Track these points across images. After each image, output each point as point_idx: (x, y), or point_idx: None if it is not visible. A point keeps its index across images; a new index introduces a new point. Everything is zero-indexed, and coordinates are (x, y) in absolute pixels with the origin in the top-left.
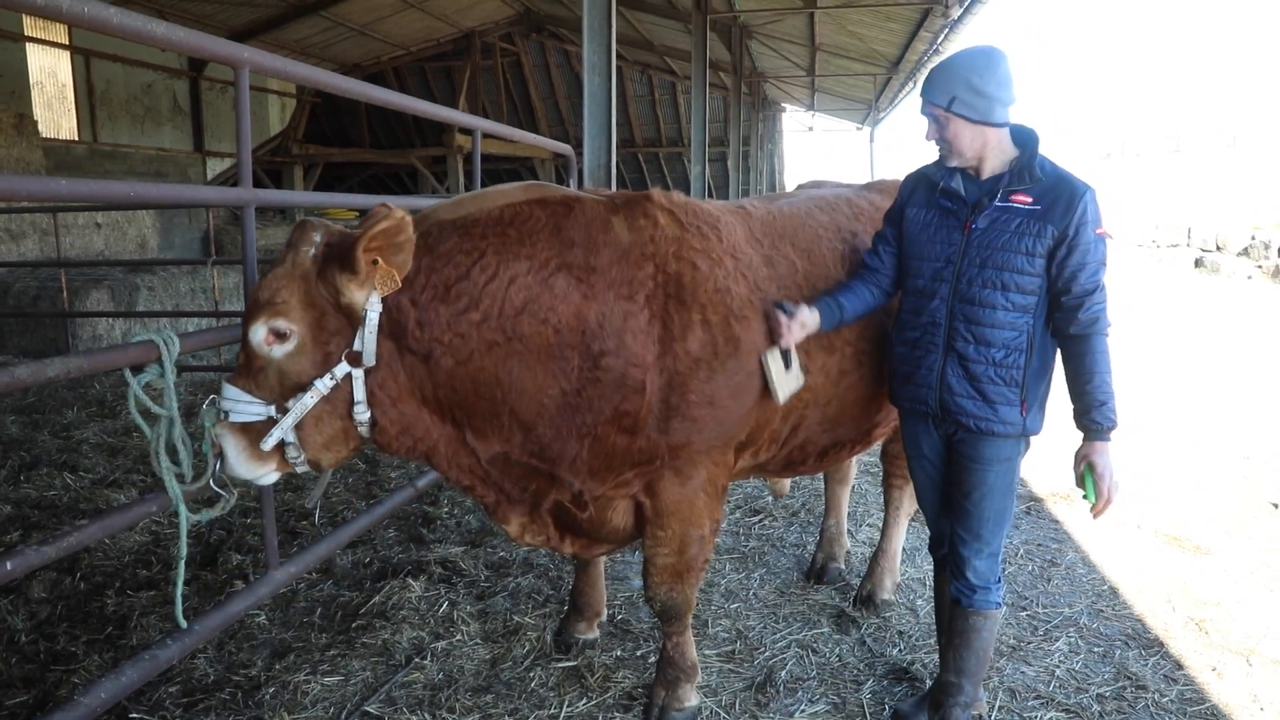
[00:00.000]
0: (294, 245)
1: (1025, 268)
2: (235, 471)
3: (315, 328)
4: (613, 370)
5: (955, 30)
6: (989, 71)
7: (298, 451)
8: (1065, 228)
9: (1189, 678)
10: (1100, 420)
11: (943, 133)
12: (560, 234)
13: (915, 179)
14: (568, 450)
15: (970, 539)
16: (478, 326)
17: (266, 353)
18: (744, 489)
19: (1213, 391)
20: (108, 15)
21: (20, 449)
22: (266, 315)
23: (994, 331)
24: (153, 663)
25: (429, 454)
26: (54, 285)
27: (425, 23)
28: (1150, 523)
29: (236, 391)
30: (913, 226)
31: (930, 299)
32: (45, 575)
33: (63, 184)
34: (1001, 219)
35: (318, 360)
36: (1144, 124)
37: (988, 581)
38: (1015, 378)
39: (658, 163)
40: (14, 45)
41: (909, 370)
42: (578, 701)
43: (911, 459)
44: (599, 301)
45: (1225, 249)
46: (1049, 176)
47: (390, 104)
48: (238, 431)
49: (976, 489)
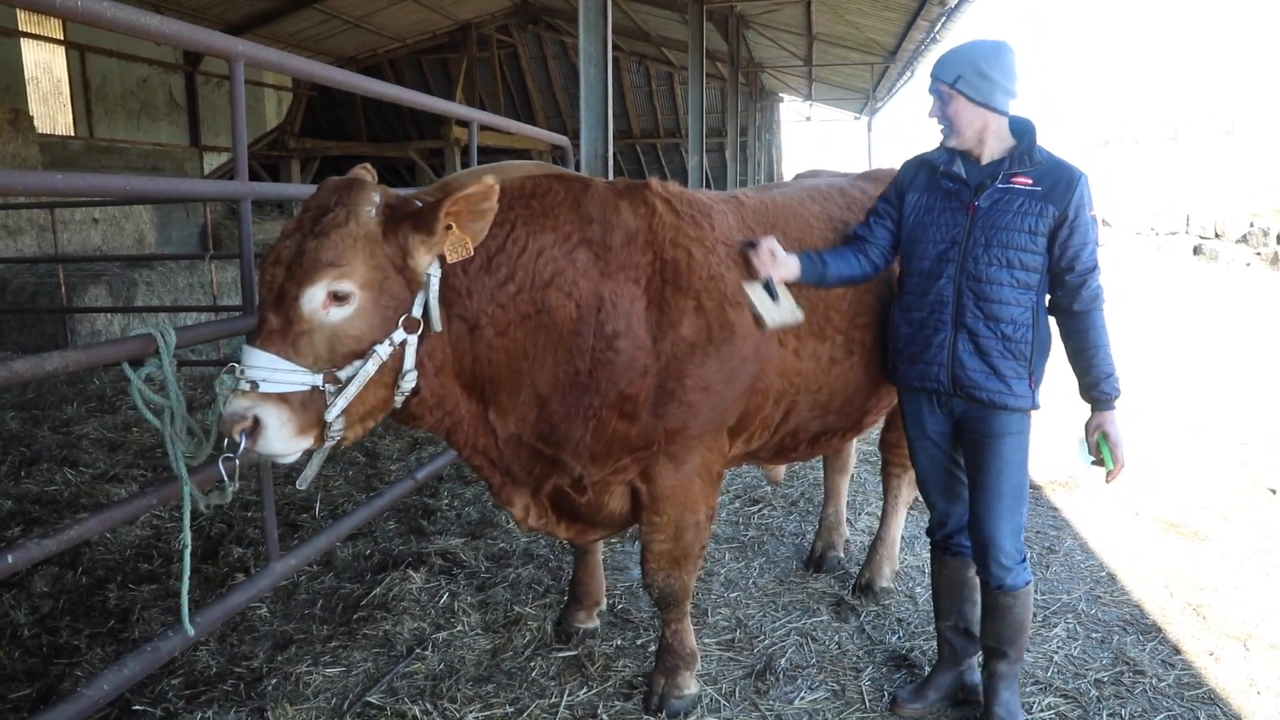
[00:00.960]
0: (350, 205)
1: (1029, 246)
2: (272, 448)
3: (377, 291)
4: (624, 352)
5: (952, 19)
6: (996, 59)
7: (341, 423)
8: (1065, 208)
9: (1186, 662)
10: (1109, 390)
11: (945, 109)
12: (579, 209)
13: (916, 164)
14: (574, 433)
15: (993, 518)
16: (514, 298)
17: (320, 317)
18: (743, 479)
19: (1211, 378)
20: (101, 9)
21: (20, 444)
22: (331, 276)
23: (1002, 308)
24: (155, 655)
25: (452, 430)
26: (52, 281)
27: (421, 15)
28: (1148, 509)
29: (270, 358)
30: (915, 211)
31: (937, 279)
32: (47, 569)
33: (59, 178)
34: (1004, 199)
35: (376, 325)
36: (1142, 111)
37: (1014, 561)
38: (1024, 352)
39: (655, 154)
40: (9, 40)
41: (916, 349)
42: (578, 690)
43: (914, 441)
44: (614, 281)
45: (1224, 236)
46: (1047, 162)
47: (386, 96)
48: (278, 402)
49: (993, 463)
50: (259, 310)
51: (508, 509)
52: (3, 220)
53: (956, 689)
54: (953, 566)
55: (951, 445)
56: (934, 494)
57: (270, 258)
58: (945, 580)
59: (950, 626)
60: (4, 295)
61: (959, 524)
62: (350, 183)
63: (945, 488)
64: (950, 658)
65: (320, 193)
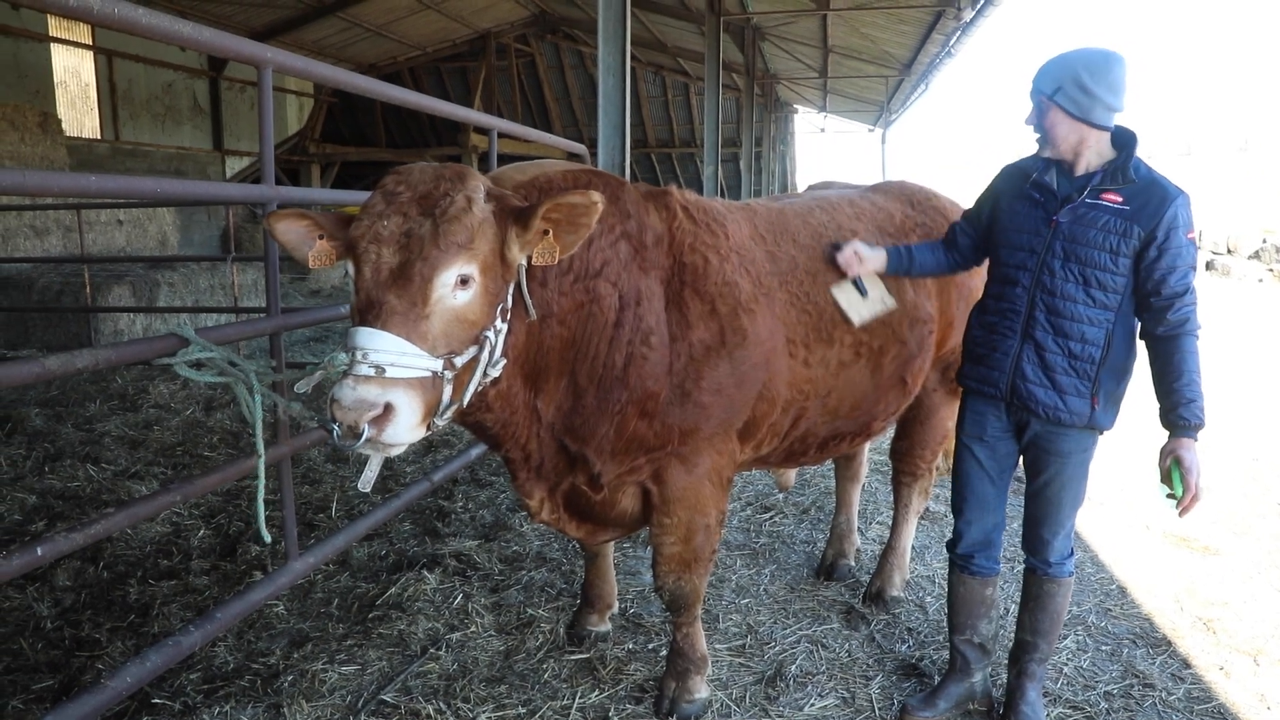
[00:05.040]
0: (468, 191)
1: (1109, 265)
2: (400, 437)
3: (491, 277)
4: (656, 349)
5: (967, 33)
6: (1102, 73)
7: (452, 411)
8: (1154, 229)
9: (1196, 676)
10: (1188, 417)
11: (1041, 120)
12: (619, 204)
13: (1012, 170)
14: (600, 428)
15: (1048, 522)
16: (572, 287)
17: (449, 300)
18: (754, 487)
19: (1223, 393)
20: (136, 16)
21: (44, 440)
22: (465, 258)
23: (1072, 324)
24: (176, 649)
25: (507, 422)
26: (77, 281)
27: (441, 24)
28: (1159, 523)
29: (398, 341)
30: (1004, 215)
31: (1013, 286)
32: (69, 563)
33: (93, 180)
34: (1089, 215)
35: (488, 310)
36: (1155, 127)
37: (1063, 556)
38: (1088, 371)
39: (670, 163)
40: (39, 45)
41: (983, 352)
42: (590, 693)
43: (963, 444)
44: (648, 278)
45: (1236, 252)
46: (1142, 179)
47: (410, 104)
48: (408, 388)
49: (1054, 480)
50: (367, 292)
51: (526, 501)
52: (30, 220)
53: (968, 699)
54: (971, 585)
55: (1004, 453)
56: (967, 502)
57: (367, 237)
58: (962, 597)
59: (965, 640)
60: (30, 294)
61: (980, 539)
62: (461, 171)
63: (980, 496)
64: (963, 669)
65: (413, 176)
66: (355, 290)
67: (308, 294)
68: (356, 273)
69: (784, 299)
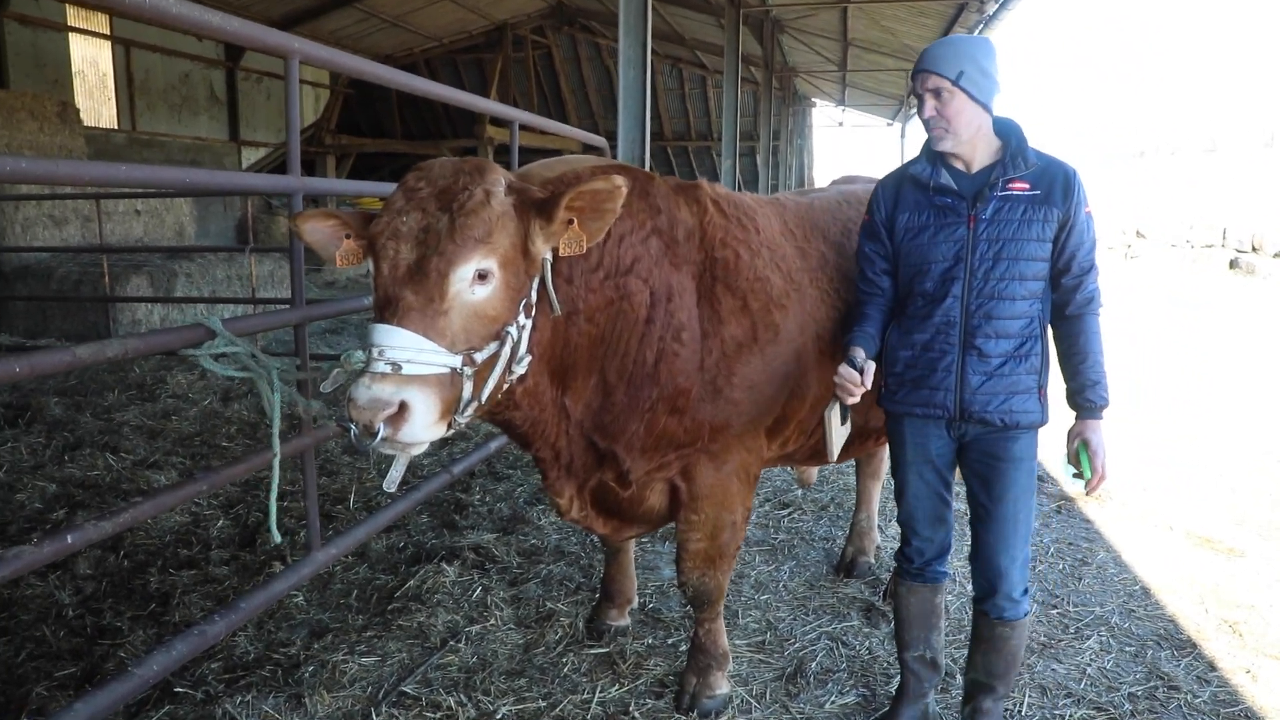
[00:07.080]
0: (487, 185)
1: (1037, 254)
2: (417, 435)
3: (512, 272)
4: (688, 345)
5: (990, 26)
6: (992, 56)
7: (472, 409)
8: (1067, 209)
9: (1223, 679)
10: (1094, 399)
11: (944, 110)
12: (649, 199)
13: (895, 182)
14: (630, 425)
15: (1005, 548)
16: (602, 284)
17: (466, 295)
18: (773, 483)
19: (1245, 393)
20: (166, 5)
21: (64, 430)
22: (482, 253)
23: (1012, 322)
24: (201, 638)
25: (536, 420)
26: (95, 271)
27: (458, 14)
28: (1182, 524)
29: (414, 337)
30: (908, 234)
31: (941, 300)
32: (91, 552)
33: (122, 169)
34: (1005, 208)
35: (509, 306)
36: (1180, 122)
37: (1020, 591)
38: (1035, 365)
39: (686, 156)
40: (57, 35)
41: (920, 374)
42: (610, 687)
43: (909, 467)
44: (680, 273)
45: (1261, 250)
46: (1041, 162)
47: (435, 95)
48: (424, 385)
49: (1009, 491)
50: (385, 288)
51: (556, 500)
52: (49, 210)
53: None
54: (923, 594)
55: (949, 469)
56: (921, 524)
57: (386, 234)
58: (914, 608)
59: (918, 657)
60: (49, 283)
61: (939, 550)
62: (480, 164)
63: (935, 516)
64: (916, 691)
65: (433, 171)
66: (375, 287)
67: (323, 285)
68: (375, 270)
69: (814, 295)
